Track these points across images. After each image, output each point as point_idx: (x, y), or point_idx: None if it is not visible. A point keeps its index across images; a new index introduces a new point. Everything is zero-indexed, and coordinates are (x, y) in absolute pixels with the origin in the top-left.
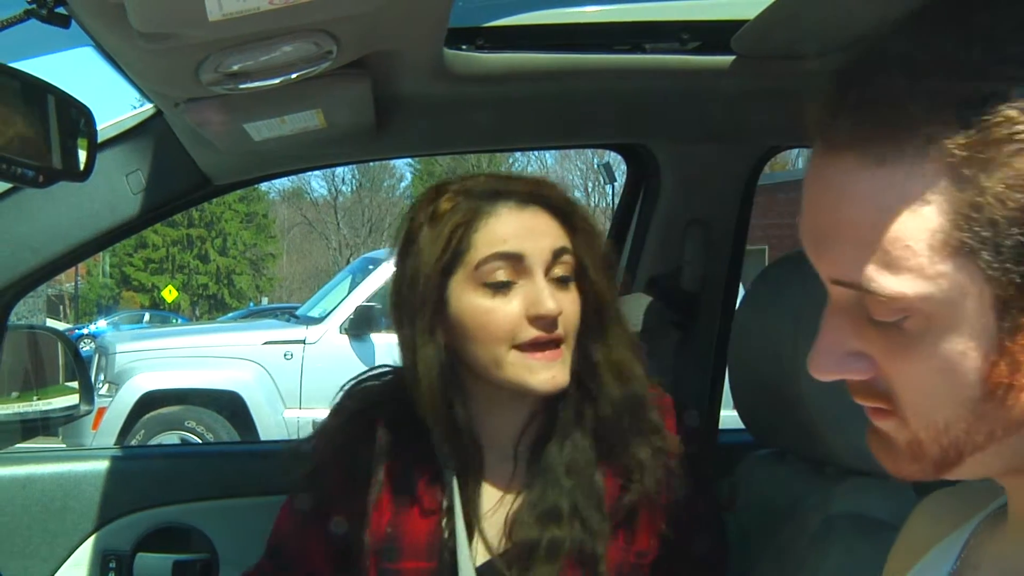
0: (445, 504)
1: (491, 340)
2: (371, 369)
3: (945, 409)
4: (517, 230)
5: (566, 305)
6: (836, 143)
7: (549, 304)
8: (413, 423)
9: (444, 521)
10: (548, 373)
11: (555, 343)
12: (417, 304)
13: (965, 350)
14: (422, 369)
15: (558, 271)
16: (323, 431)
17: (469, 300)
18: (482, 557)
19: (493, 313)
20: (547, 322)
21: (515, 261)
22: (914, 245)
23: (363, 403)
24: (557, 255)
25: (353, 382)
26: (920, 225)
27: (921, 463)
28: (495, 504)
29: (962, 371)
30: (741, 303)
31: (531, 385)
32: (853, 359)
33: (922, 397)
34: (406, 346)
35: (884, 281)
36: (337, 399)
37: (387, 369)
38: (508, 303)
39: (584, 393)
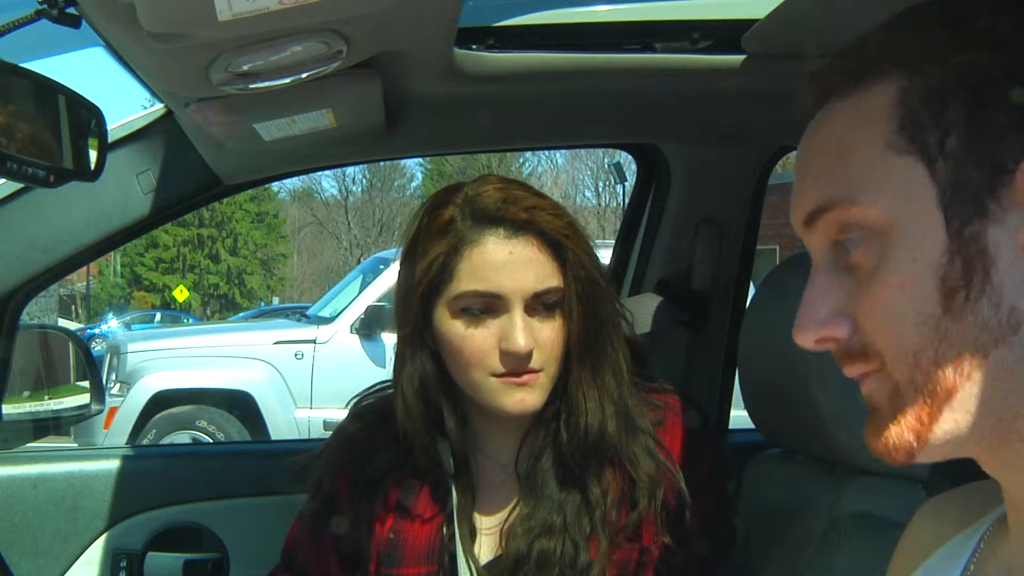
0: (447, 511)
1: (466, 365)
2: (373, 386)
3: (911, 332)
4: (499, 265)
5: (545, 336)
6: (816, 96)
7: (519, 342)
8: None
9: (445, 527)
10: (518, 395)
11: (530, 370)
12: (404, 319)
13: (917, 257)
14: (400, 383)
15: (540, 305)
16: (328, 448)
17: (448, 324)
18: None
19: (467, 340)
20: (517, 357)
21: (492, 298)
22: (867, 154)
23: (366, 420)
24: (539, 294)
25: (356, 399)
26: (872, 136)
27: (902, 422)
28: (495, 514)
29: (919, 282)
30: (751, 303)
31: (502, 407)
32: (832, 318)
33: (889, 325)
34: (396, 356)
35: (843, 190)
36: (342, 421)
37: (387, 383)
38: (482, 333)
39: (567, 414)
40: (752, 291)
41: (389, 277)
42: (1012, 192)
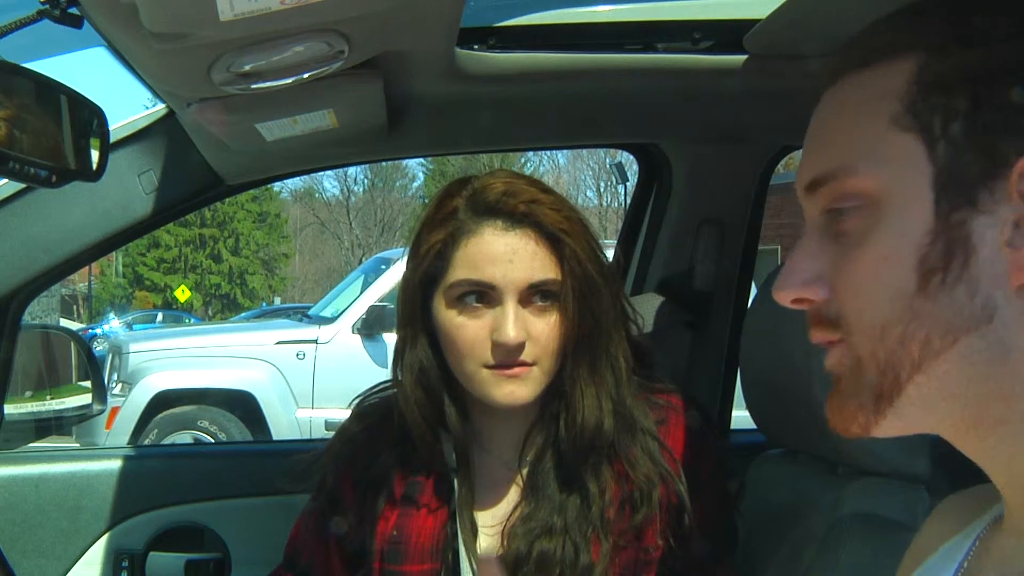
0: (451, 506)
1: (460, 356)
2: (375, 386)
3: (883, 306)
4: (495, 256)
5: (539, 329)
6: (830, 72)
7: (510, 333)
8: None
9: (449, 524)
10: (508, 387)
11: (522, 362)
12: (405, 306)
13: (904, 232)
14: (402, 371)
15: (536, 298)
16: (331, 448)
17: (444, 313)
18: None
19: (461, 330)
20: (507, 349)
21: (486, 288)
22: (872, 128)
23: (369, 420)
24: (534, 286)
25: (358, 399)
26: (879, 112)
27: (860, 396)
28: (496, 513)
29: (900, 257)
30: (753, 303)
31: (493, 399)
32: (812, 280)
33: (863, 297)
34: (397, 343)
35: (844, 160)
36: (345, 421)
37: (389, 383)
38: (475, 323)
39: (566, 411)
40: (754, 291)
41: (391, 277)
42: (1007, 186)
